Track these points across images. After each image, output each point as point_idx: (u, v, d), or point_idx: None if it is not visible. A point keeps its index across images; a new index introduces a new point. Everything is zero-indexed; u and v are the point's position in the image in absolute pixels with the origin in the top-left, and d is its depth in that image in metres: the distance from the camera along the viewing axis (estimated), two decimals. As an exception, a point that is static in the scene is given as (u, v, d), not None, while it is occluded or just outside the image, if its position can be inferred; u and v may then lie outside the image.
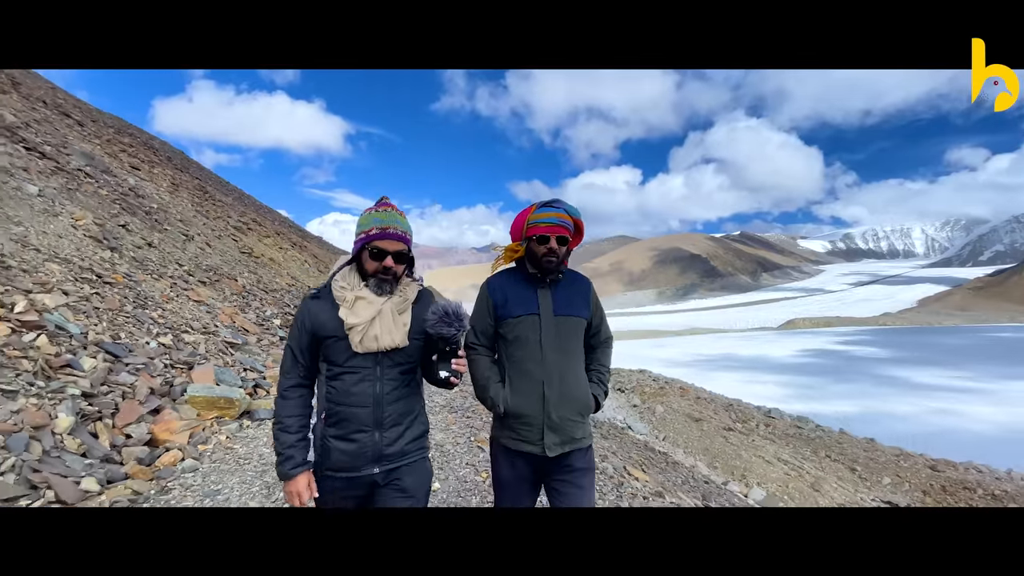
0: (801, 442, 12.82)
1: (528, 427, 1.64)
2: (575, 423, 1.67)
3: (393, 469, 1.49)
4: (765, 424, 14.19)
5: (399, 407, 1.50)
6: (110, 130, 15.03)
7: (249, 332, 6.80)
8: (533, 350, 1.65)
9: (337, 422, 1.46)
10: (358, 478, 1.46)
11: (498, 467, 1.73)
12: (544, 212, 1.69)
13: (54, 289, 4.00)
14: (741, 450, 11.02)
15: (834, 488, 10.00)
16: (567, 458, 1.68)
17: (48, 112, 11.21)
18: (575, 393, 1.68)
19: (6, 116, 8.35)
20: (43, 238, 4.89)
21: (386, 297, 1.48)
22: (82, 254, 5.19)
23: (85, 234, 5.75)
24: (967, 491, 10.11)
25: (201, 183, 18.78)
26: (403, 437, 1.51)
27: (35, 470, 2.44)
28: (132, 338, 4.23)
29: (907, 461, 11.53)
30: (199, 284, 7.51)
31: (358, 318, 1.43)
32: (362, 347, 1.44)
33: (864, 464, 11.58)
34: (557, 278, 1.72)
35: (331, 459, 1.46)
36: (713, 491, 6.72)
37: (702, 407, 14.76)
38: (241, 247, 13.48)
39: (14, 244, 4.38)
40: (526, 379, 1.65)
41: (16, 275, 3.93)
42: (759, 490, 8.65)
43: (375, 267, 1.47)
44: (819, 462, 11.70)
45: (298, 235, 26.27)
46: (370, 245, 1.46)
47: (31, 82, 13.16)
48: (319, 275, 19.34)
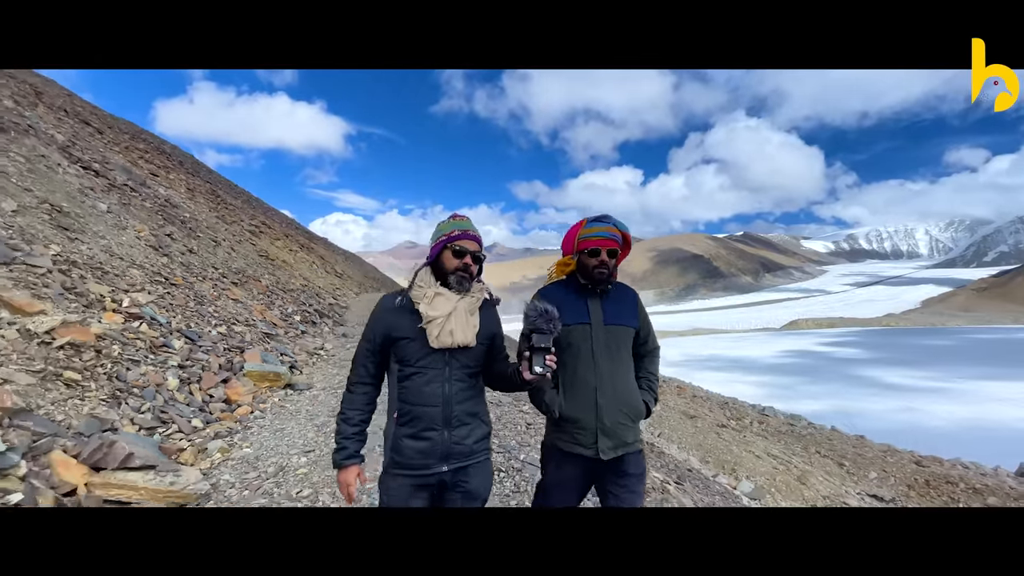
0: (792, 439, 13.24)
1: (582, 431, 1.70)
2: (626, 427, 1.73)
3: (460, 468, 1.54)
4: (759, 422, 14.59)
5: (466, 407, 1.57)
6: (125, 136, 15.63)
7: (277, 326, 7.88)
8: (585, 357, 1.72)
9: (409, 421, 1.52)
10: (428, 476, 1.51)
11: (547, 468, 1.79)
12: (595, 227, 1.77)
13: (143, 289, 5.14)
14: (732, 445, 11.38)
15: (820, 481, 10.30)
16: (621, 463, 1.73)
17: (72, 122, 11.80)
18: (626, 398, 1.74)
19: (57, 136, 9.48)
20: (120, 248, 5.96)
21: (461, 296, 1.57)
22: (149, 261, 6.27)
23: (146, 244, 6.85)
24: (950, 485, 10.44)
25: (212, 187, 19.22)
26: (470, 436, 1.56)
27: (162, 411, 3.58)
28: (199, 327, 5.35)
29: (893, 457, 11.98)
30: (232, 285, 8.58)
31: (436, 312, 1.51)
32: (438, 342, 1.50)
33: (852, 459, 12.02)
34: (606, 289, 1.79)
35: (403, 456, 1.51)
36: (686, 474, 7.29)
37: (697, 405, 15.22)
38: (259, 250, 14.47)
39: (104, 255, 5.45)
40: (579, 385, 1.71)
41: (114, 279, 5.01)
42: (747, 483, 8.96)
43: (456, 264, 1.57)
44: (808, 457, 12.06)
45: (305, 237, 27.27)
46: (452, 244, 1.57)
47: (52, 90, 13.63)
48: (328, 275, 20.37)
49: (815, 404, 14.79)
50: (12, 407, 2.60)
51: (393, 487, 1.51)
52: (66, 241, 5.10)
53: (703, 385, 17.35)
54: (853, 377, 21.97)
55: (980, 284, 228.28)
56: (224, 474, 3.03)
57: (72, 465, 2.51)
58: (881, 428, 13.33)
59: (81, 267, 4.74)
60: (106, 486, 2.50)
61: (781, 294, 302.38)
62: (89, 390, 3.25)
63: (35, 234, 4.82)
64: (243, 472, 3.07)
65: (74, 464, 2.53)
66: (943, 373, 22.20)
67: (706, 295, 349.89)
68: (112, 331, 4.00)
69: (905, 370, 23.83)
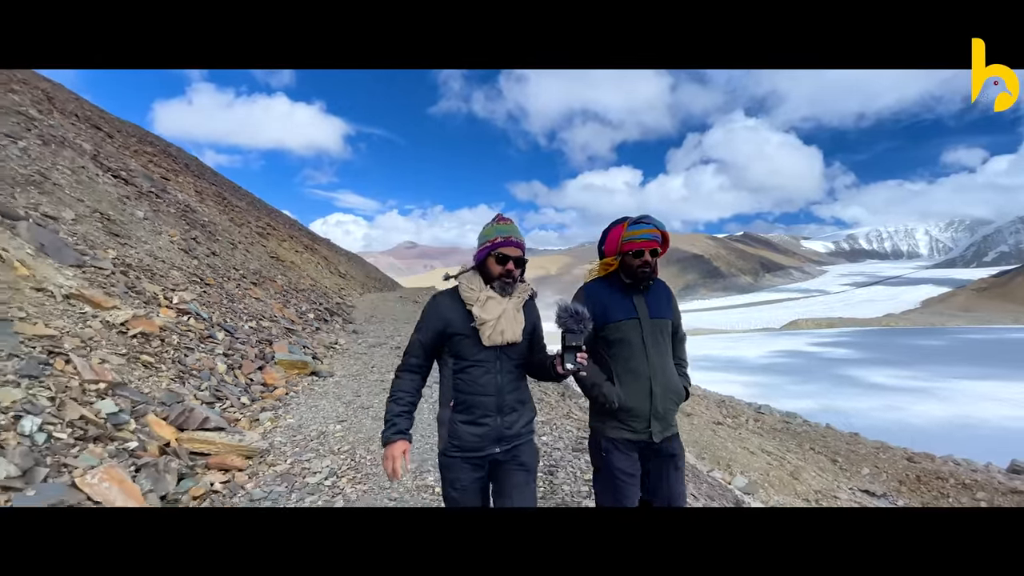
0: (788, 436, 13.47)
1: (636, 419, 1.83)
2: (673, 412, 1.89)
3: (511, 448, 1.71)
4: (754, 419, 14.80)
5: (516, 395, 1.72)
6: (133, 140, 15.82)
7: (295, 322, 8.59)
8: (638, 350, 1.84)
9: (465, 409, 1.67)
10: (483, 457, 1.68)
11: (612, 457, 1.86)
12: (637, 228, 1.88)
13: (185, 288, 5.84)
14: (728, 442, 11.56)
15: (812, 477, 10.53)
16: (670, 444, 1.89)
17: (83, 127, 12.03)
18: (673, 385, 1.90)
19: (85, 146, 10.16)
20: (160, 252, 6.65)
21: (508, 297, 1.70)
22: (184, 263, 6.95)
23: (178, 247, 7.57)
24: (940, 480, 10.65)
25: (218, 189, 19.42)
26: (519, 421, 1.73)
27: (217, 390, 4.27)
28: (233, 322, 6.05)
29: (886, 453, 12.19)
30: (252, 285, 9.26)
31: (489, 315, 1.64)
32: (489, 340, 1.64)
33: (845, 456, 12.22)
34: (648, 285, 1.91)
35: (461, 441, 1.66)
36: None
37: (694, 403, 15.47)
38: (269, 252, 15.11)
39: (150, 258, 6.14)
40: (635, 376, 1.84)
41: (161, 279, 5.69)
42: (741, 478, 9.18)
43: (500, 271, 1.68)
44: (802, 454, 12.25)
45: (308, 238, 27.85)
46: (496, 252, 1.67)
47: (61, 95, 13.89)
48: (332, 276, 21.00)
49: (801, 403, 15.29)
50: (113, 381, 3.29)
51: (453, 468, 1.68)
52: (119, 246, 5.80)
53: (699, 385, 17.74)
54: (841, 377, 22.45)
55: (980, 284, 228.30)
56: (276, 436, 3.73)
57: (164, 425, 3.20)
58: (865, 426, 13.87)
59: (135, 269, 5.44)
60: (191, 441, 3.19)
61: (781, 294, 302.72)
62: (161, 371, 3.95)
63: (93, 240, 5.52)
64: (291, 435, 3.78)
65: (165, 424, 3.22)
66: (928, 373, 22.72)
67: (706, 295, 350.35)
68: (169, 324, 4.69)
69: (891, 370, 24.33)
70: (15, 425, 2.37)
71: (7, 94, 9.57)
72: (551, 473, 3.27)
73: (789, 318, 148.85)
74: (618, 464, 1.83)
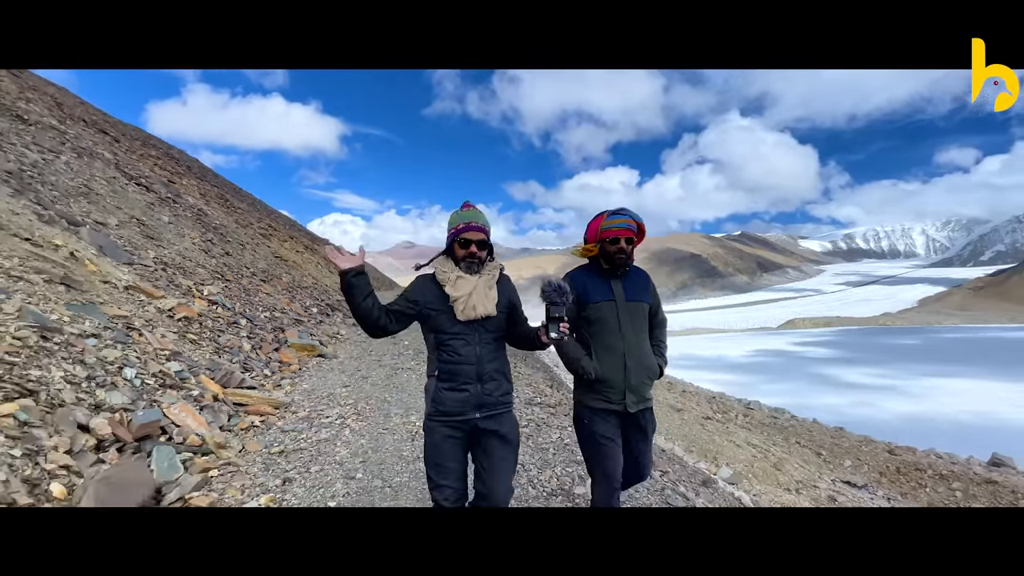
0: (774, 430, 13.92)
1: (612, 390, 2.03)
2: (646, 385, 2.09)
3: (489, 416, 1.86)
4: (743, 415, 15.24)
5: (494, 365, 1.89)
6: (137, 143, 16.53)
7: (301, 315, 9.65)
8: (613, 329, 2.05)
9: (448, 377, 1.84)
10: (464, 421, 1.83)
11: (593, 424, 2.07)
12: (615, 219, 2.07)
13: (211, 283, 6.88)
14: (715, 436, 11.96)
15: (795, 468, 10.83)
16: (642, 417, 2.11)
17: (91, 132, 12.60)
18: (646, 362, 2.09)
19: (107, 156, 11.15)
20: (186, 252, 7.67)
21: (477, 276, 1.87)
22: (206, 262, 7.98)
23: (199, 248, 8.61)
24: (918, 472, 11.09)
25: (220, 191, 20.15)
26: (498, 390, 1.89)
27: (245, 364, 5.30)
28: (251, 312, 7.08)
29: (868, 447, 12.59)
30: (261, 282, 10.27)
31: (459, 292, 1.82)
32: (463, 315, 1.82)
33: (829, 449, 12.64)
34: (625, 271, 2.11)
35: (445, 406, 1.83)
36: (668, 461, 8.25)
37: (686, 399, 15.97)
38: (273, 252, 16.07)
39: (180, 258, 7.18)
40: (610, 352, 2.04)
41: (191, 275, 6.74)
42: (726, 469, 9.52)
43: (464, 253, 1.86)
44: (788, 447, 12.64)
45: (307, 238, 28.74)
46: (459, 237, 1.86)
47: (68, 100, 14.61)
48: (331, 275, 21.82)
49: (770, 400, 16.14)
50: (173, 350, 4.32)
51: (434, 429, 1.85)
52: (155, 247, 6.83)
53: (691, 382, 18.25)
54: (814, 375, 23.20)
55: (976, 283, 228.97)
56: (295, 396, 4.78)
57: (212, 383, 4.23)
58: (834, 421, 14.65)
59: (171, 267, 6.47)
60: (233, 394, 4.23)
61: (778, 293, 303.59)
62: (202, 346, 4.98)
63: (136, 243, 6.55)
64: (307, 395, 4.83)
65: (213, 383, 4.25)
66: (897, 371, 23.52)
67: (704, 295, 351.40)
68: (203, 312, 5.73)
69: (863, 368, 25.11)
70: (120, 372, 3.40)
71: (27, 104, 10.45)
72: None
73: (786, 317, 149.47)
74: (597, 428, 2.05)
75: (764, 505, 7.43)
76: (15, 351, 2.85)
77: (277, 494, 2.82)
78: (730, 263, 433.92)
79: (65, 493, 2.28)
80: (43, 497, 2.20)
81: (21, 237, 4.47)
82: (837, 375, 23.04)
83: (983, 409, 16.43)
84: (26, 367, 2.82)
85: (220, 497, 2.73)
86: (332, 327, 10.06)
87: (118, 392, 3.18)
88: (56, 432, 2.56)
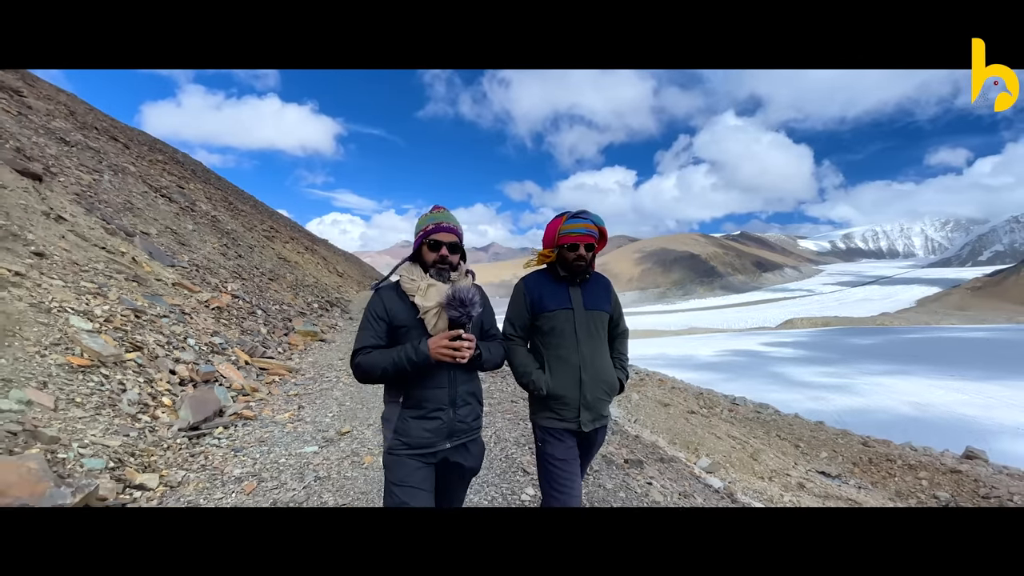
0: (757, 424, 14.32)
1: (566, 407, 1.89)
2: (604, 402, 1.95)
3: (460, 444, 1.68)
4: (728, 410, 15.74)
5: (468, 387, 1.70)
6: (145, 148, 17.44)
7: (304, 309, 11.23)
8: (569, 339, 1.90)
9: (416, 404, 1.61)
10: (432, 454, 1.62)
11: (550, 446, 1.90)
12: (573, 223, 1.92)
13: (232, 281, 8.47)
14: (698, 429, 12.40)
15: (771, 458, 11.27)
16: (595, 436, 1.98)
17: (102, 139, 13.38)
18: (604, 376, 1.94)
19: (131, 168, 12.66)
20: (210, 256, 9.29)
21: (449, 284, 1.66)
22: (225, 264, 9.59)
23: (219, 252, 10.21)
24: (888, 462, 11.46)
25: (224, 194, 21.56)
26: (470, 415, 1.70)
27: (264, 343, 6.86)
28: (265, 305, 8.67)
29: (845, 439, 13.06)
30: (270, 281, 11.87)
31: (431, 302, 1.61)
32: (436, 329, 1.60)
33: (807, 441, 13.12)
34: (585, 278, 1.97)
35: (410, 438, 1.60)
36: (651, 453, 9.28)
37: (674, 395, 16.45)
38: (277, 254, 17.63)
39: (206, 260, 8.79)
40: (564, 365, 1.89)
41: (216, 274, 8.34)
42: (705, 459, 9.84)
43: (434, 257, 1.67)
44: (768, 439, 13.11)
45: (308, 239, 30.34)
46: (428, 239, 1.68)
47: (80, 107, 15.63)
48: (331, 275, 23.60)
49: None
50: (214, 329, 5.90)
51: (399, 464, 1.59)
52: (187, 252, 8.41)
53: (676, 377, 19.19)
54: (770, 374, 24.06)
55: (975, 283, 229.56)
56: (303, 365, 6.36)
57: (243, 353, 5.81)
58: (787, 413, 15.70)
59: (201, 268, 8.05)
60: (258, 361, 5.81)
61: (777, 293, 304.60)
62: (231, 328, 6.56)
63: (173, 249, 8.13)
64: (312, 364, 6.43)
65: (243, 353, 5.83)
66: (850, 370, 24.59)
67: (703, 295, 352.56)
68: (230, 304, 7.31)
69: (818, 367, 26.12)
70: (185, 341, 4.98)
71: (52, 120, 11.57)
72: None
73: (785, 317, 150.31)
74: (550, 451, 1.89)
75: (736, 490, 7.93)
76: (126, 323, 4.43)
77: (294, 413, 4.41)
78: (729, 263, 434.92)
79: (171, 403, 3.86)
80: (158, 403, 3.78)
81: (99, 247, 6.04)
82: (790, 374, 23.96)
83: (921, 402, 17.87)
84: (132, 333, 4.40)
85: (257, 414, 4.31)
86: (331, 320, 11.66)
87: (187, 352, 4.76)
88: (158, 371, 4.14)
